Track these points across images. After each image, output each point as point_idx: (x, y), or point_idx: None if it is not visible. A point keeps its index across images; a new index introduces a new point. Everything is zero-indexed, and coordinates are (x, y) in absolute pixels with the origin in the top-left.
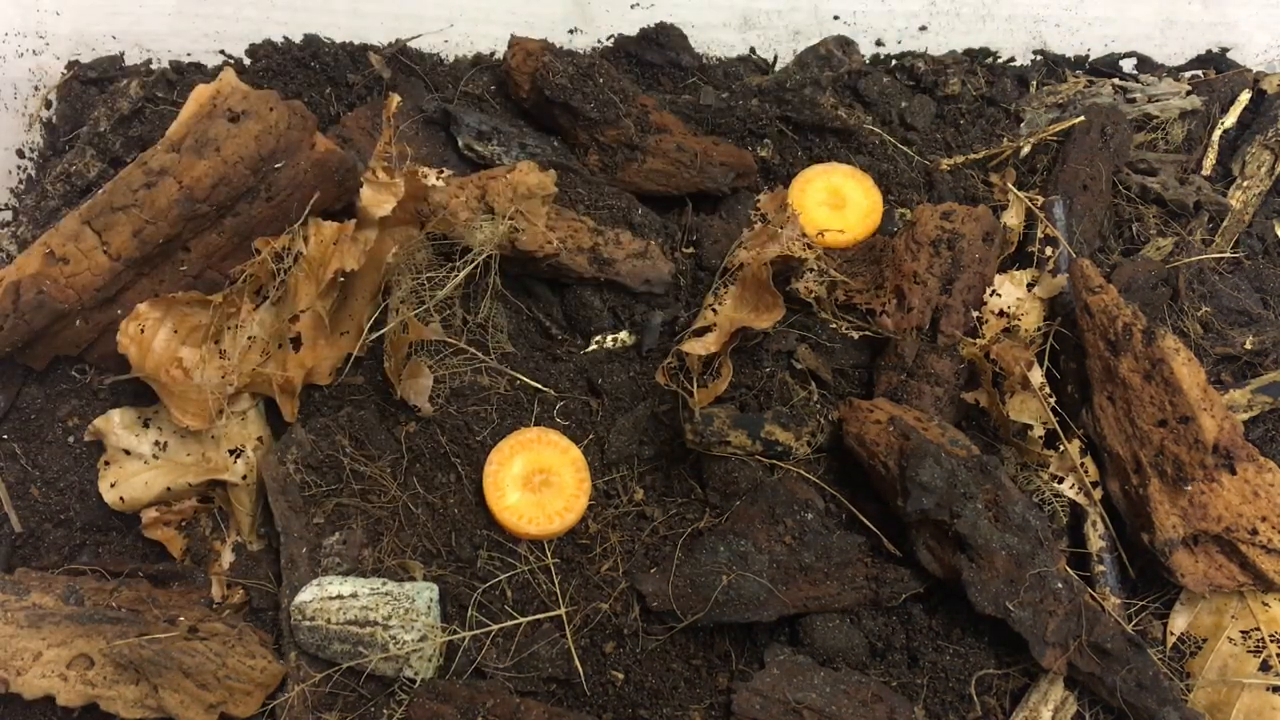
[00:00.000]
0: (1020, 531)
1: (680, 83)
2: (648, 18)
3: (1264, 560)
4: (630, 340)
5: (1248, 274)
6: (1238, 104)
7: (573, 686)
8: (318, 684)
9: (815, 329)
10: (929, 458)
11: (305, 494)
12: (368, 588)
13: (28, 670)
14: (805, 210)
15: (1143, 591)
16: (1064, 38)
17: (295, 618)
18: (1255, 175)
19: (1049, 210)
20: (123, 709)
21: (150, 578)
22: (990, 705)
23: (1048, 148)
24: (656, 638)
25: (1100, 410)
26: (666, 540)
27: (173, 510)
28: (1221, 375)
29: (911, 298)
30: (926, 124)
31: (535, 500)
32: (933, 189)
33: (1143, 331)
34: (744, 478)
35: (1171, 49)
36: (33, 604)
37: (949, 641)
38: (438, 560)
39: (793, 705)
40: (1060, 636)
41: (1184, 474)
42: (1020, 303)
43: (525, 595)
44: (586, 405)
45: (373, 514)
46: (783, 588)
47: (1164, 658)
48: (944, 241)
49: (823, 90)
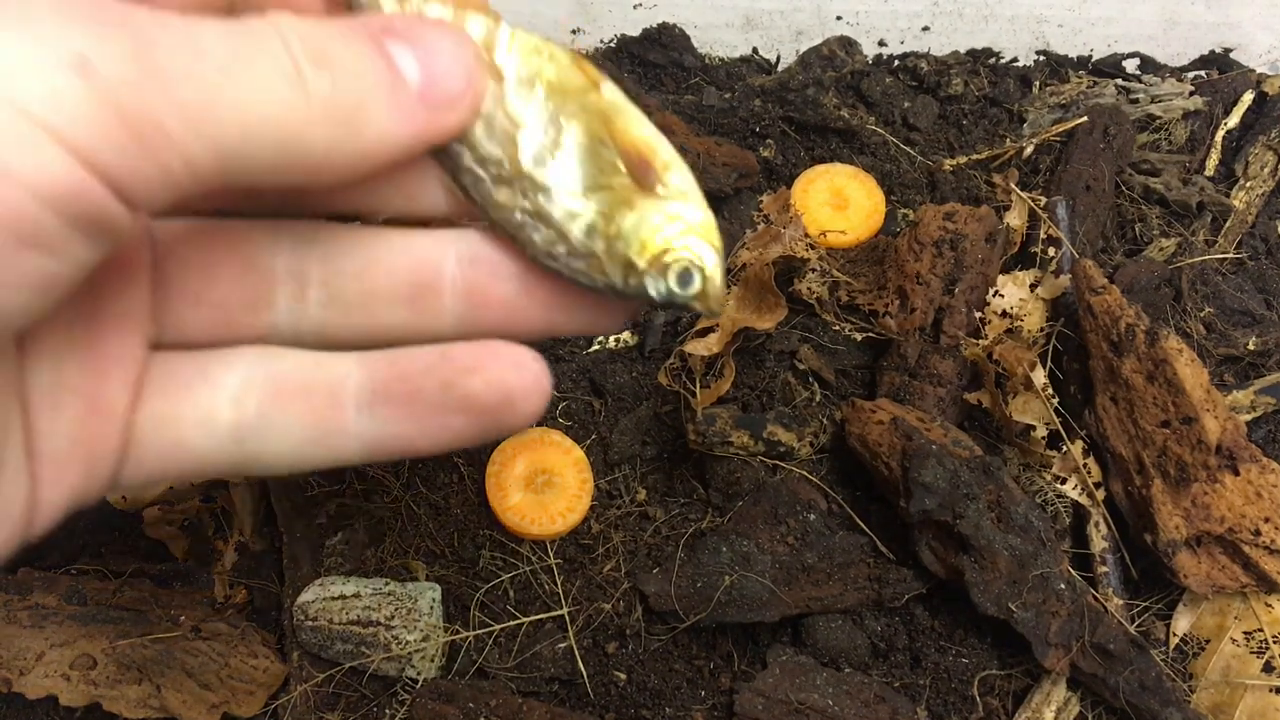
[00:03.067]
0: (1023, 532)
1: (683, 83)
2: (650, 18)
3: (1267, 561)
4: (632, 341)
5: (1251, 275)
6: (1241, 104)
7: (575, 687)
8: (320, 684)
9: (818, 330)
10: (931, 458)
11: (308, 494)
12: (370, 588)
13: (30, 670)
14: (808, 211)
15: (1145, 592)
16: (1067, 38)
17: (298, 618)
18: (1258, 176)
19: (1052, 211)
20: (125, 709)
21: (153, 578)
22: (993, 706)
23: (1051, 148)
24: (659, 638)
25: (1103, 411)
26: (669, 540)
27: (175, 510)
28: (1224, 376)
29: (914, 298)
30: (929, 124)
31: (538, 500)
32: (935, 189)
33: (1145, 332)
34: (746, 478)
35: (1174, 49)
36: (35, 604)
37: (952, 642)
38: (440, 560)
39: (795, 705)
40: (1063, 637)
41: (1187, 475)
42: (1023, 303)
43: (528, 595)
44: (589, 405)
45: (375, 514)
46: (785, 588)
47: (1167, 659)
48: (947, 242)
49: (825, 90)
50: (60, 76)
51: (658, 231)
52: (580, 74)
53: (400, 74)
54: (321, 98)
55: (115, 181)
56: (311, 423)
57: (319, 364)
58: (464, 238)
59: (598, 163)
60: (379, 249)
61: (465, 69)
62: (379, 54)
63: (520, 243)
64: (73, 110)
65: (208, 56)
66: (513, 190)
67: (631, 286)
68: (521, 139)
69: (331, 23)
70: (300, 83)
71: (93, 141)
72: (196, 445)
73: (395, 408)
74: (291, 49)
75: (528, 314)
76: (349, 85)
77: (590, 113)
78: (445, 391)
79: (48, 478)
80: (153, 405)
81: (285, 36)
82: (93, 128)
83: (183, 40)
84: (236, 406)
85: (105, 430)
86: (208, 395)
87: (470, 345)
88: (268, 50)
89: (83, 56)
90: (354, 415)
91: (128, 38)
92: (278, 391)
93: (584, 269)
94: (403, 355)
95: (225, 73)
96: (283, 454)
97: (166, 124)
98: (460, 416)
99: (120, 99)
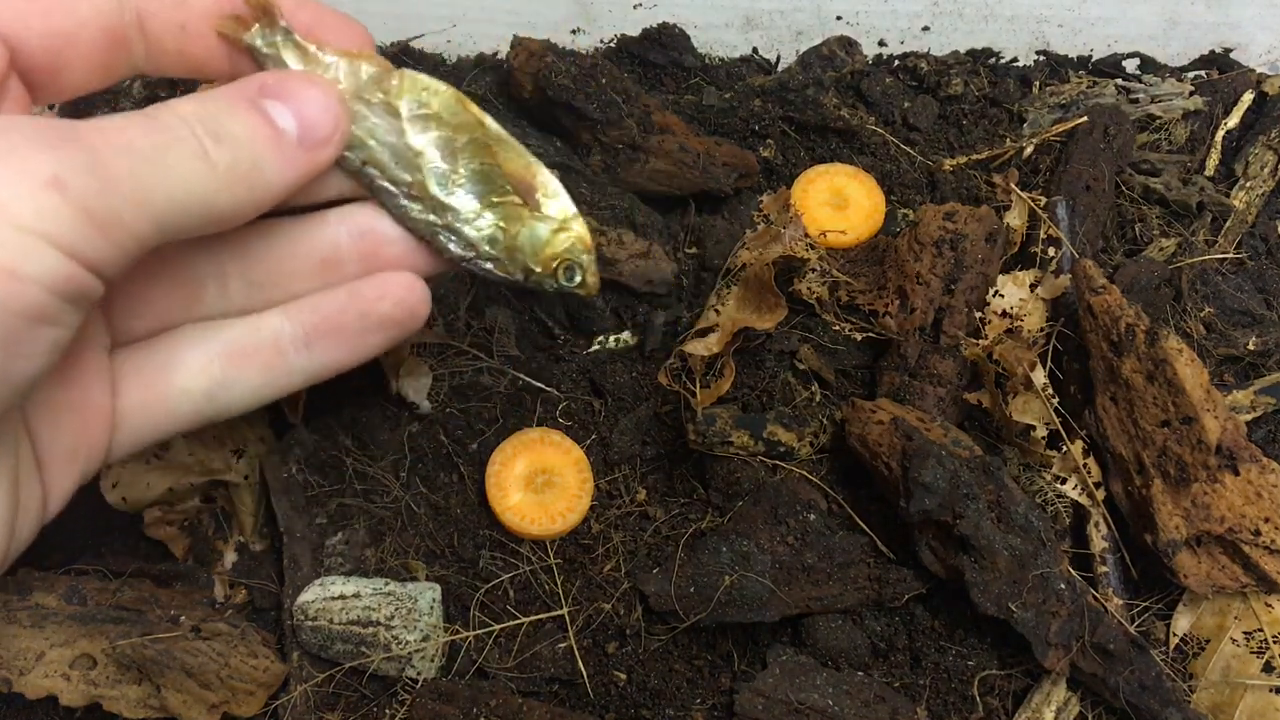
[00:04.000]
0: (1023, 532)
1: (683, 83)
2: (650, 18)
3: (1267, 561)
4: (633, 340)
5: (1251, 275)
6: (1240, 104)
7: (575, 687)
8: (320, 684)
9: (818, 330)
10: (931, 458)
11: (308, 494)
12: (370, 588)
13: (30, 670)
14: (808, 211)
15: (1145, 592)
16: (1067, 38)
17: (298, 618)
18: (1258, 176)
19: (1052, 211)
20: (125, 709)
21: (153, 578)
22: (993, 706)
23: (1051, 148)
24: (659, 638)
25: (1103, 411)
26: (669, 540)
27: (175, 510)
28: (1224, 376)
29: (914, 298)
30: (929, 124)
31: (538, 500)
32: (935, 189)
33: (1145, 332)
34: (746, 478)
35: (1174, 49)
36: (35, 604)
37: (951, 642)
38: (440, 560)
39: (795, 705)
40: (1063, 637)
41: (1187, 475)
42: (1023, 303)
43: (528, 595)
44: (589, 405)
45: (375, 514)
46: (785, 588)
47: (1167, 659)
48: (947, 242)
49: (825, 90)
50: (43, 196)
51: (547, 245)
52: (466, 112)
53: (280, 130)
54: (225, 167)
55: (91, 264)
56: (264, 371)
57: (257, 327)
58: (351, 215)
59: (490, 185)
60: (282, 239)
61: (331, 114)
62: (262, 119)
63: (436, 248)
64: (56, 219)
65: (140, 154)
66: (424, 207)
67: (531, 282)
68: (425, 166)
69: (218, 94)
70: (208, 160)
71: (73, 239)
72: (180, 410)
73: (327, 341)
74: (196, 132)
75: (413, 263)
76: (244, 153)
77: (479, 144)
78: (363, 319)
79: (56, 476)
80: (132, 394)
81: (190, 124)
82: (73, 229)
83: (120, 146)
84: (205, 374)
85: (97, 428)
86: (183, 373)
87: (371, 279)
88: (180, 138)
89: (57, 178)
90: (294, 357)
91: (84, 153)
92: (232, 355)
93: (491, 269)
94: (321, 301)
95: (155, 164)
96: (246, 399)
97: (123, 214)
98: (378, 334)
99: (88, 204)
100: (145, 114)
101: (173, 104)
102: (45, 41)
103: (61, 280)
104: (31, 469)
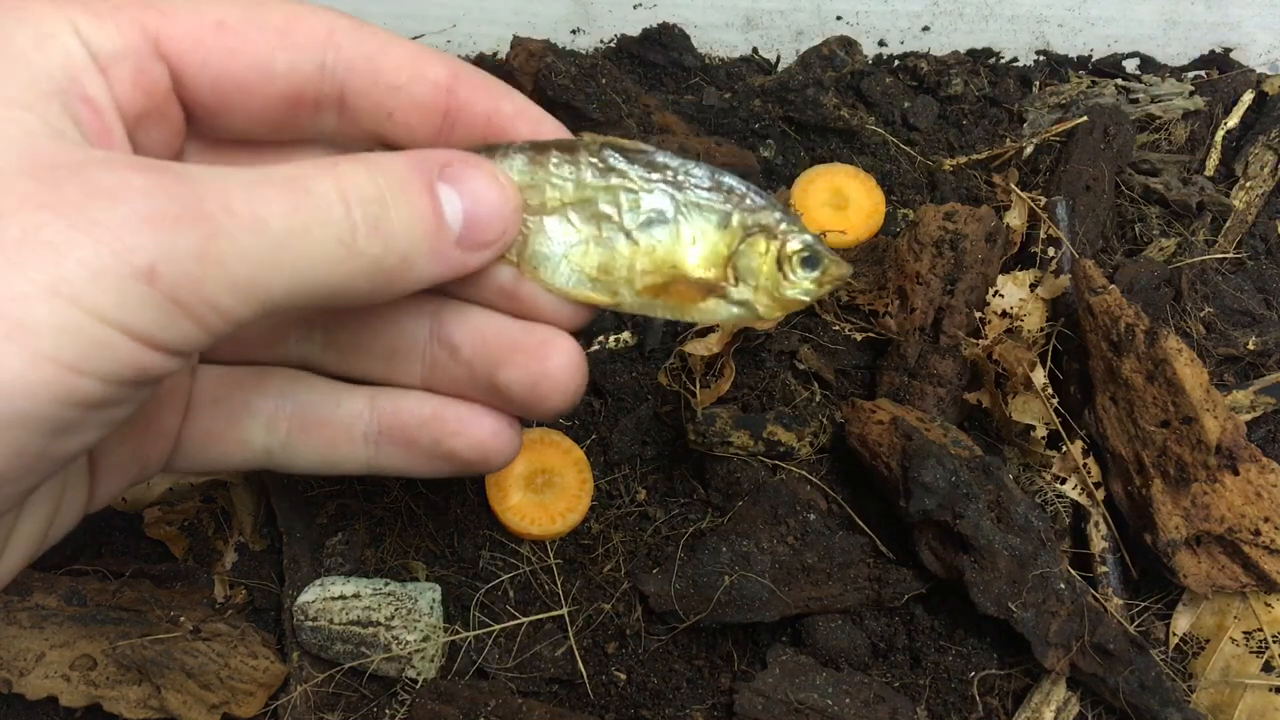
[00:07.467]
0: (1023, 532)
1: (683, 83)
2: (650, 18)
3: (1266, 561)
4: (632, 340)
5: (1250, 275)
6: (1240, 104)
7: (575, 687)
8: (320, 684)
9: (817, 330)
10: (931, 458)
11: (308, 494)
12: (370, 588)
13: (30, 671)
14: (808, 211)
15: (1145, 592)
16: (1067, 38)
17: (298, 618)
18: (1258, 176)
19: (1052, 211)
20: (126, 709)
21: (153, 578)
22: (993, 706)
23: (1050, 148)
24: (659, 638)
25: (1103, 411)
26: (669, 540)
27: (175, 510)
28: (1224, 376)
29: (914, 298)
30: (929, 124)
31: (538, 501)
32: (935, 189)
33: (1145, 332)
34: (746, 478)
35: (1174, 49)
36: (35, 604)
37: (951, 642)
38: (440, 560)
39: (795, 705)
40: (1063, 637)
41: (1187, 475)
42: (1023, 303)
43: (527, 596)
44: (589, 405)
45: (375, 514)
46: (785, 588)
47: (1166, 659)
48: (946, 242)
49: (825, 90)
50: (130, 286)
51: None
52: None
53: (445, 222)
54: (370, 259)
55: (172, 349)
56: (327, 448)
57: (338, 403)
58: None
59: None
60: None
61: (502, 219)
62: (431, 208)
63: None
64: (140, 309)
65: (271, 238)
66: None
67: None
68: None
69: (395, 167)
70: (353, 249)
71: (156, 329)
72: (232, 457)
73: (395, 447)
74: (352, 215)
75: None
76: (398, 245)
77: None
78: (435, 446)
79: (105, 481)
80: (201, 423)
81: (349, 204)
82: (156, 319)
83: (250, 224)
84: (269, 432)
85: (159, 447)
86: (248, 422)
87: (458, 408)
88: (328, 219)
89: (151, 269)
90: (362, 447)
91: (198, 237)
92: (304, 424)
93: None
94: (404, 406)
95: (285, 251)
96: (298, 467)
97: (220, 301)
98: (446, 464)
99: (180, 295)
100: (295, 182)
101: (339, 171)
102: (218, 83)
103: (130, 373)
104: (82, 474)
